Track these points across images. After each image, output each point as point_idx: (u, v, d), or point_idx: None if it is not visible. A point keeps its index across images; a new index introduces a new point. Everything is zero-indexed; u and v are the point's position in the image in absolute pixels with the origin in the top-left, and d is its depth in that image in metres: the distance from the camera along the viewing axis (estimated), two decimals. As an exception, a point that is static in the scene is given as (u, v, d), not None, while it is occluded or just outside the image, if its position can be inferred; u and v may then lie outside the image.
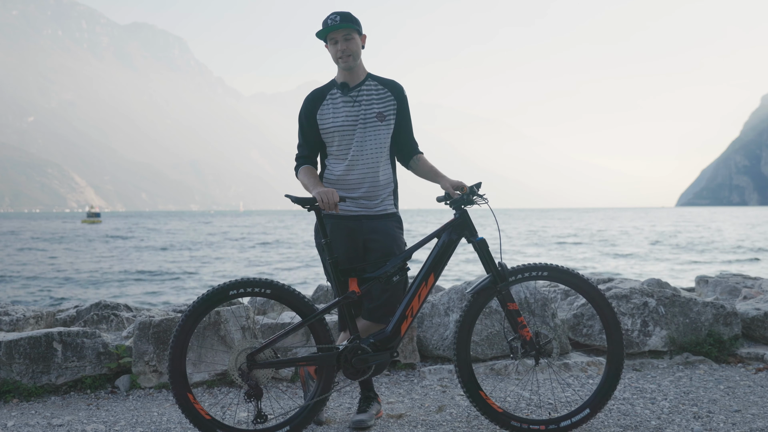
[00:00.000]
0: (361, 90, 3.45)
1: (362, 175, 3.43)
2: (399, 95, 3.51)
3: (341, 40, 3.35)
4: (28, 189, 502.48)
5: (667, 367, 4.63)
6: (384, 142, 3.46)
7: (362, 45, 3.43)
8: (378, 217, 3.45)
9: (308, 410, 3.20)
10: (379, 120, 3.44)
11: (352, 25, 3.33)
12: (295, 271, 26.96)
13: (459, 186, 3.36)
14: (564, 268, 3.35)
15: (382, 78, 3.54)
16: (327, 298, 5.48)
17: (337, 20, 3.31)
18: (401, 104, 3.51)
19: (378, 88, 3.49)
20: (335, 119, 3.43)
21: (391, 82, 3.53)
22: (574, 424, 3.31)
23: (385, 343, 3.24)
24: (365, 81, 3.48)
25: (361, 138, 3.42)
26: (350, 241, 3.42)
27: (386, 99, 3.49)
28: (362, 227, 3.42)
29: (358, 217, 3.43)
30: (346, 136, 3.42)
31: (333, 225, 3.44)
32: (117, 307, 5.24)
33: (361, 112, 3.43)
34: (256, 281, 3.15)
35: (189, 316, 3.08)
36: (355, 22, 3.35)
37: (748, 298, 5.66)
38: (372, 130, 3.43)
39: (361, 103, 3.44)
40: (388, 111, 3.47)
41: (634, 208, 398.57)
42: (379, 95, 3.48)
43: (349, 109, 3.43)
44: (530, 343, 3.28)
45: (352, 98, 3.44)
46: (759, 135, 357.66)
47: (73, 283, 22.83)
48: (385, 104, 3.48)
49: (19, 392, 4.05)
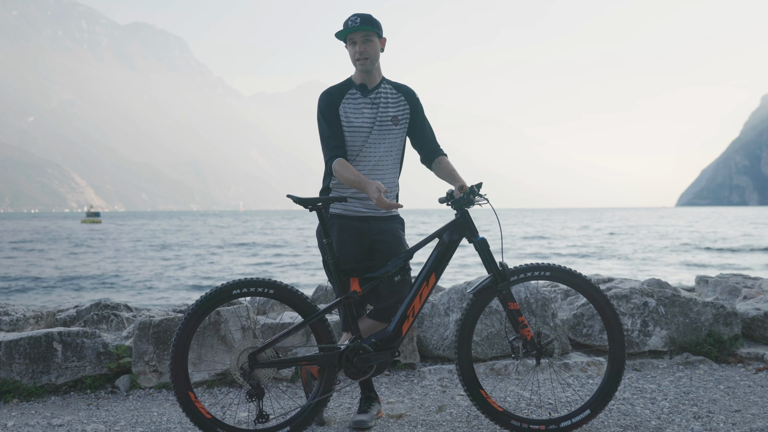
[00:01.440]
0: (378, 93, 3.50)
1: (372, 176, 3.45)
2: (412, 99, 3.57)
3: (360, 41, 3.37)
4: (28, 189, 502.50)
5: (667, 367, 4.63)
6: (394, 145, 3.51)
7: (381, 48, 3.46)
8: (385, 219, 3.50)
9: (309, 410, 3.21)
10: (393, 123, 3.49)
11: (371, 28, 3.35)
12: (294, 271, 26.95)
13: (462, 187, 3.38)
14: (565, 269, 3.35)
15: (396, 83, 3.60)
16: (327, 298, 5.48)
17: (357, 22, 3.34)
18: (414, 108, 3.57)
19: (393, 92, 3.55)
20: (357, 119, 3.46)
21: (404, 87, 3.60)
22: (575, 425, 3.31)
23: (386, 342, 3.25)
24: (381, 84, 3.53)
25: (375, 140, 3.46)
26: (358, 242, 3.44)
27: (400, 103, 3.55)
28: (370, 228, 3.45)
29: (366, 218, 3.46)
30: (362, 137, 3.46)
31: (341, 225, 3.45)
32: (117, 307, 5.24)
33: (378, 115, 3.47)
34: (259, 281, 3.15)
35: (192, 315, 3.08)
36: (375, 25, 3.38)
37: (748, 298, 5.67)
38: (386, 132, 3.48)
39: (378, 106, 3.49)
40: (402, 115, 3.53)
41: (634, 208, 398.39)
42: (395, 99, 3.54)
43: (368, 111, 3.47)
44: (531, 342, 3.29)
45: (371, 100, 3.48)
46: (759, 135, 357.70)
47: (82, 282, 22.83)
48: (400, 108, 3.53)
49: (19, 392, 4.05)
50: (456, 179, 3.46)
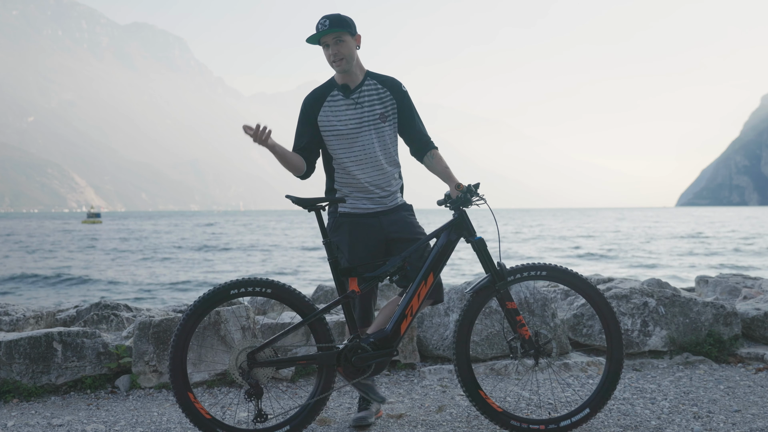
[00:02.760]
0: (362, 91, 3.47)
1: (373, 175, 3.47)
2: (397, 92, 3.51)
3: (332, 44, 3.34)
4: (28, 189, 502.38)
5: (667, 367, 4.63)
6: (389, 141, 3.51)
7: (357, 45, 3.41)
8: (393, 210, 3.52)
9: (309, 410, 3.21)
10: (381, 121, 3.48)
11: (341, 29, 3.30)
12: (295, 271, 26.95)
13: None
14: (563, 268, 3.35)
15: (381, 75, 3.54)
16: (326, 298, 5.49)
17: (326, 25, 3.30)
18: (401, 101, 3.52)
19: (377, 87, 3.50)
20: (339, 123, 3.44)
21: (389, 80, 3.53)
22: (574, 424, 3.31)
23: (385, 342, 3.25)
24: (365, 81, 3.49)
25: (368, 139, 3.45)
26: (370, 239, 3.46)
27: (386, 99, 3.50)
28: (381, 222, 3.48)
29: (375, 213, 3.49)
30: (351, 139, 3.45)
31: (352, 224, 3.47)
32: (117, 307, 5.23)
33: (365, 114, 3.46)
34: (257, 281, 3.16)
35: (190, 316, 3.09)
36: (345, 25, 3.32)
37: (748, 298, 5.66)
38: (376, 131, 3.47)
39: (363, 105, 3.46)
40: (388, 111, 3.50)
41: (635, 208, 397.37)
42: (379, 95, 3.49)
43: (352, 112, 3.45)
44: (529, 342, 3.29)
45: (354, 101, 3.45)
46: (759, 135, 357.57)
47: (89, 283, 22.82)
48: (385, 104, 3.50)
49: (19, 392, 4.05)
50: (450, 177, 3.46)
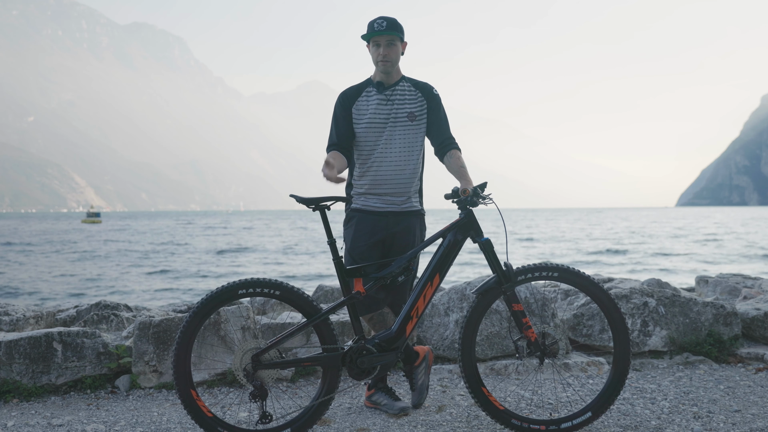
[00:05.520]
0: (395, 90, 3.58)
1: (389, 172, 3.53)
2: (429, 95, 3.63)
3: (384, 45, 3.48)
4: (28, 189, 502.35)
5: (667, 367, 4.63)
6: (413, 141, 3.57)
7: (402, 51, 3.56)
8: (404, 214, 3.57)
9: (312, 411, 3.20)
10: (410, 120, 3.56)
11: (396, 33, 3.45)
12: (294, 271, 26.94)
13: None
14: (573, 270, 3.32)
15: (416, 80, 3.67)
16: (326, 299, 5.48)
17: (384, 26, 3.44)
18: (431, 103, 3.63)
19: (411, 89, 3.62)
20: (369, 114, 3.54)
21: (423, 84, 3.67)
22: (575, 427, 3.30)
23: (389, 343, 3.26)
24: (399, 82, 3.61)
25: (390, 136, 3.53)
26: (372, 235, 3.51)
27: (418, 100, 3.61)
28: (388, 223, 3.53)
29: (385, 213, 3.54)
30: (377, 132, 3.54)
31: (359, 218, 3.55)
32: (117, 307, 5.23)
33: (393, 111, 3.55)
34: (265, 282, 3.15)
35: (197, 314, 3.08)
36: (400, 30, 3.48)
37: (748, 298, 5.67)
38: (401, 129, 3.55)
39: (394, 102, 3.57)
40: (419, 111, 3.59)
41: (635, 208, 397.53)
42: (412, 96, 3.61)
43: (382, 107, 3.55)
44: (535, 344, 3.29)
45: (386, 96, 3.56)
46: (759, 135, 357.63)
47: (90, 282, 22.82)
48: (417, 105, 3.60)
49: (19, 392, 4.05)
50: (463, 178, 3.47)
